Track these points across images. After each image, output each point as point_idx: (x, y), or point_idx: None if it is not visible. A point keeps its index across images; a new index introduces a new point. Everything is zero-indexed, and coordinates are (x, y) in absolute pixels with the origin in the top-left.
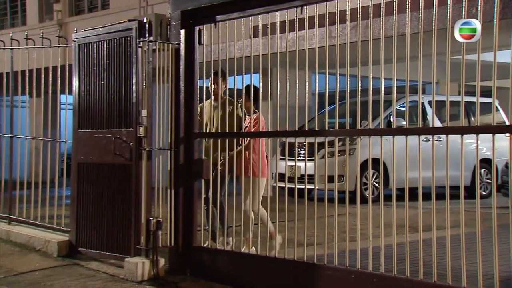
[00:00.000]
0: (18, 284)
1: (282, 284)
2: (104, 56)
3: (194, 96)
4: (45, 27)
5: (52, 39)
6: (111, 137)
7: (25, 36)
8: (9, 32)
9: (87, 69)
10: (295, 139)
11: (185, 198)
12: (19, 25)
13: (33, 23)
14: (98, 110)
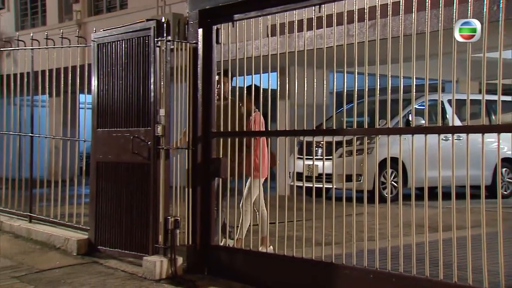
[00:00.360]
0: (39, 281)
1: (300, 284)
2: (123, 55)
3: (211, 95)
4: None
5: (71, 39)
6: (130, 136)
7: (45, 36)
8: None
9: (106, 68)
10: (313, 138)
11: (203, 197)
12: (39, 25)
13: (53, 23)
14: (117, 110)
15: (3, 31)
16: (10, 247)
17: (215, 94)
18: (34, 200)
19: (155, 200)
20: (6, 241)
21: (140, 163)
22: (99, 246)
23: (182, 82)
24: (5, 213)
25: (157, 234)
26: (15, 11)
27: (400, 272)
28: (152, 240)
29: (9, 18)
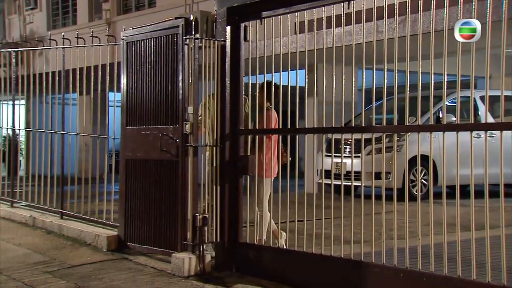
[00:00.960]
0: (71, 276)
1: (329, 282)
2: (151, 53)
3: (239, 92)
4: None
5: (101, 37)
6: (158, 133)
7: (75, 35)
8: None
9: (135, 66)
10: (341, 136)
11: (231, 194)
12: (70, 24)
13: (83, 22)
14: (146, 107)
15: (36, 31)
16: (43, 243)
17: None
18: (65, 196)
19: (183, 197)
20: (39, 237)
21: (169, 160)
22: (128, 243)
23: (210, 79)
24: (38, 209)
25: (185, 231)
26: (47, 11)
27: (431, 271)
28: (181, 237)
29: (41, 18)
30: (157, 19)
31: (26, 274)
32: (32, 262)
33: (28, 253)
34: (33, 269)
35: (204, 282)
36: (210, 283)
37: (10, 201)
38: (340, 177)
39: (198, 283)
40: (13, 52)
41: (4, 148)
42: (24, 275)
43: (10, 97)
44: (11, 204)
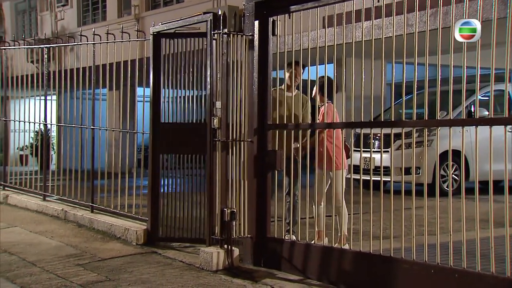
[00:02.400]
0: (102, 269)
1: (358, 277)
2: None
3: (267, 87)
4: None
5: (130, 33)
6: (188, 128)
7: (105, 31)
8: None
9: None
10: (370, 130)
11: (259, 189)
12: (99, 20)
13: (112, 18)
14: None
15: (66, 27)
16: (74, 236)
17: (285, 82)
18: (95, 191)
19: (211, 192)
20: (70, 230)
21: (198, 155)
22: (157, 237)
23: (238, 74)
24: (69, 203)
25: (213, 226)
26: (77, 7)
27: (463, 268)
28: (209, 232)
29: (72, 14)
30: (185, 15)
31: (58, 266)
32: (64, 255)
33: (60, 246)
34: (65, 262)
35: (232, 276)
36: (238, 278)
37: (42, 195)
38: (368, 172)
39: (227, 278)
40: (45, 48)
41: (36, 142)
42: (56, 267)
43: (42, 92)
44: (43, 198)
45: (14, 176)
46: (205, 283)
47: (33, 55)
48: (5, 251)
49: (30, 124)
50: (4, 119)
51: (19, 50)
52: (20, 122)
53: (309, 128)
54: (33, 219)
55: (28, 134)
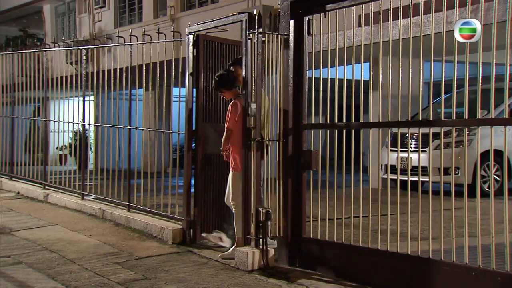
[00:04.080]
0: (138, 268)
1: (395, 278)
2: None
3: (302, 86)
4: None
5: (166, 34)
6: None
7: (141, 32)
8: (127, 29)
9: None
10: (408, 130)
11: (294, 188)
12: (136, 21)
13: (148, 19)
14: (212, 102)
15: (104, 29)
16: (112, 234)
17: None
18: (132, 190)
19: (246, 192)
20: (108, 229)
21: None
22: (192, 236)
23: (273, 74)
24: (107, 202)
25: (248, 225)
26: (114, 9)
27: (506, 271)
28: (245, 231)
29: (109, 16)
30: (220, 15)
31: (97, 265)
32: (102, 253)
33: (99, 244)
34: (103, 260)
35: (267, 276)
36: (273, 278)
37: (81, 194)
38: (405, 172)
39: (262, 277)
40: (83, 50)
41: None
42: (95, 265)
43: (81, 93)
44: (82, 197)
45: (54, 176)
46: (240, 283)
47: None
48: (46, 248)
49: (68, 124)
50: (44, 119)
51: (58, 51)
52: (59, 122)
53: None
54: (72, 218)
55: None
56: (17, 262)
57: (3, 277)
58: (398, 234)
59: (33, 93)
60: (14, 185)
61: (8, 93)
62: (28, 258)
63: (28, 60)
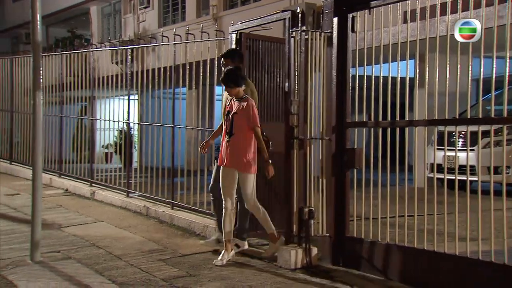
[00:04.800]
0: (182, 265)
1: (442, 280)
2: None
3: (346, 84)
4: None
5: (209, 33)
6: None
7: (184, 31)
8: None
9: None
10: (456, 128)
11: (337, 187)
12: (179, 21)
13: (191, 18)
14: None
15: (148, 28)
16: (156, 232)
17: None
18: (175, 188)
19: (289, 191)
20: (152, 226)
21: (278, 153)
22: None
23: (316, 72)
24: (151, 200)
25: (291, 224)
26: (158, 9)
27: None
28: (287, 230)
29: (153, 16)
30: (262, 13)
31: (142, 261)
32: (147, 250)
33: (143, 241)
34: (148, 256)
35: (310, 275)
36: (316, 277)
37: (126, 191)
38: (452, 171)
39: (305, 276)
40: (128, 50)
41: (120, 141)
42: (140, 261)
43: (126, 92)
44: (126, 194)
45: (100, 173)
46: (283, 281)
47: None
48: (93, 244)
49: (114, 123)
50: (90, 118)
51: (104, 51)
52: (105, 121)
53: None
54: (117, 215)
55: (112, 133)
56: (67, 257)
57: (53, 271)
58: (446, 234)
59: (80, 93)
60: (63, 182)
61: (57, 92)
62: (77, 253)
63: (76, 60)
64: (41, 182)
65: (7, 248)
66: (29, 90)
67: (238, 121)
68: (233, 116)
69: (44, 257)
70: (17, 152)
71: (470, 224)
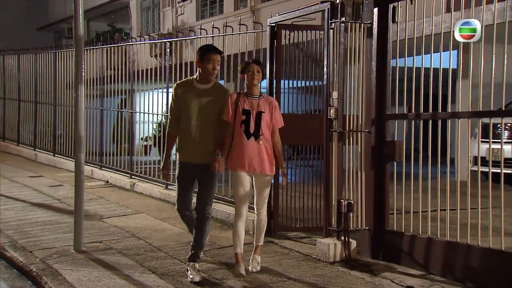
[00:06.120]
0: (221, 257)
1: (487, 275)
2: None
3: (386, 76)
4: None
5: (246, 25)
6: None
7: (222, 24)
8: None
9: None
10: (502, 119)
11: (377, 180)
12: (216, 14)
13: (229, 11)
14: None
15: (186, 22)
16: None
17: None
18: None
19: (328, 183)
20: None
21: (316, 146)
22: (274, 227)
23: (355, 63)
24: None
25: (330, 217)
26: (196, 2)
27: None
28: (326, 223)
29: (191, 9)
30: (300, 5)
31: (181, 252)
32: (186, 241)
33: (182, 233)
34: (187, 248)
35: (350, 268)
36: (356, 270)
37: (165, 184)
38: (497, 165)
39: (344, 270)
40: (167, 43)
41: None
42: (179, 253)
43: (164, 85)
44: (166, 186)
45: (140, 165)
46: (322, 274)
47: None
48: (134, 235)
49: (153, 115)
50: (130, 111)
51: (144, 45)
52: (144, 114)
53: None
54: (156, 206)
55: (151, 126)
56: (108, 247)
57: (96, 261)
58: (491, 228)
59: (120, 86)
60: (104, 174)
61: (97, 86)
62: (118, 244)
63: (116, 54)
64: (83, 174)
65: (52, 238)
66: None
67: (265, 120)
68: (260, 115)
69: (87, 247)
70: (60, 144)
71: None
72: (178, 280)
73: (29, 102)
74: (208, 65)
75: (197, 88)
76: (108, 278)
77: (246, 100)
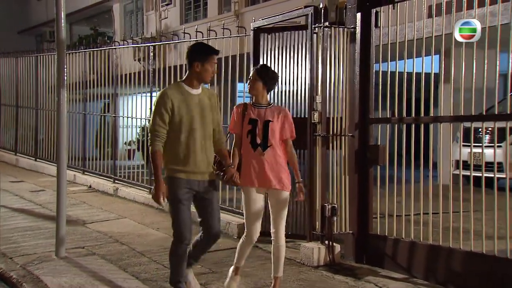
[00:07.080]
0: (206, 261)
1: (468, 278)
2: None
3: (369, 80)
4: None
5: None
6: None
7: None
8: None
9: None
10: (482, 124)
11: (361, 184)
12: (200, 18)
13: (213, 15)
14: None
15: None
16: None
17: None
18: None
19: (311, 187)
20: None
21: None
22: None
23: (339, 68)
24: None
25: (314, 221)
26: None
27: None
28: (310, 227)
29: (175, 13)
30: (284, 9)
31: (164, 257)
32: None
33: (166, 238)
34: None
35: (333, 272)
36: (340, 274)
37: (148, 188)
38: (478, 169)
39: (328, 274)
40: (151, 47)
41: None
42: (163, 258)
43: (148, 89)
44: (149, 191)
45: (123, 170)
46: (306, 278)
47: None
48: (117, 240)
49: (136, 120)
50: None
51: (127, 49)
52: (127, 118)
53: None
54: (140, 211)
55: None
56: (91, 253)
57: (78, 267)
58: (472, 232)
59: (103, 90)
60: (86, 179)
61: (80, 90)
62: (101, 249)
63: (99, 57)
64: (65, 178)
65: (33, 244)
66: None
67: (274, 130)
68: (267, 124)
69: (69, 253)
70: (41, 149)
71: (497, 222)
72: (161, 285)
73: (10, 106)
74: (210, 67)
75: (192, 94)
76: (90, 284)
77: (253, 110)
